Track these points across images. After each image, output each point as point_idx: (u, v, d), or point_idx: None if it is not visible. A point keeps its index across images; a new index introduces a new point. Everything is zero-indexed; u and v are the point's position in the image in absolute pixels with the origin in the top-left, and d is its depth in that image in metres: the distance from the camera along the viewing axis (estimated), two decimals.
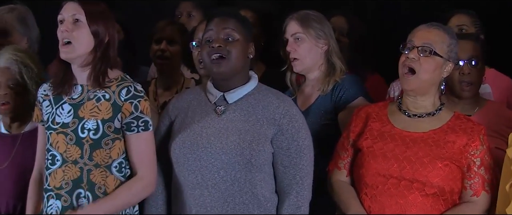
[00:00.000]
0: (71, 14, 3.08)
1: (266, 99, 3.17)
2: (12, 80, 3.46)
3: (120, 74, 3.17)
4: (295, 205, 3.12)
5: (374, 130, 3.29)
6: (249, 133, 3.10)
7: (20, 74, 3.46)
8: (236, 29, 3.15)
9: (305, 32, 3.62)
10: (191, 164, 3.11)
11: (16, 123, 3.55)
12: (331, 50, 3.66)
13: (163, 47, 4.04)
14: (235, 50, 3.13)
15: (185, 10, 4.52)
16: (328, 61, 3.66)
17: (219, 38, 3.13)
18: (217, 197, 3.09)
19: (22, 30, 4.03)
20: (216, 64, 3.12)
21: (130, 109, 3.09)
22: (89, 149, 3.08)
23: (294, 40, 3.63)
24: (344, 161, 3.36)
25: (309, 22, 3.63)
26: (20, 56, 3.49)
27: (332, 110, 3.60)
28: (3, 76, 3.46)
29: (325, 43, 3.65)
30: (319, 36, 3.63)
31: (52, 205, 3.13)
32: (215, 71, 3.14)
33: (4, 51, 3.52)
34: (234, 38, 3.14)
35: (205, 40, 3.16)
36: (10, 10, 4.05)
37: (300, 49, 3.62)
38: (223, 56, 3.11)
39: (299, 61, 3.63)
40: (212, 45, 3.12)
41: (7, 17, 4.01)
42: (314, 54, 3.64)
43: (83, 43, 3.08)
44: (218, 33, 3.14)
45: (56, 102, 3.16)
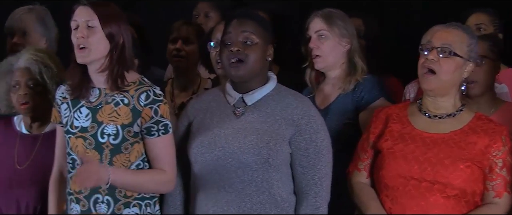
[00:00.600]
0: (84, 20, 3.08)
1: (285, 100, 3.17)
2: (32, 80, 3.47)
3: (138, 77, 3.16)
4: (313, 206, 3.12)
5: (394, 132, 3.28)
6: (267, 133, 3.10)
7: (40, 74, 3.47)
8: (255, 32, 3.14)
9: (329, 29, 3.61)
10: (209, 164, 3.12)
11: (36, 123, 3.55)
12: (353, 49, 3.65)
13: (179, 46, 4.05)
14: (254, 54, 3.13)
15: (202, 10, 4.53)
16: (349, 60, 3.65)
17: (237, 42, 3.13)
18: (234, 196, 3.10)
19: (41, 30, 4.05)
20: (234, 67, 3.12)
21: (150, 114, 3.09)
22: (109, 154, 3.09)
23: (317, 37, 3.62)
24: (364, 162, 3.35)
25: (334, 20, 3.62)
26: (40, 57, 3.50)
27: (353, 110, 3.59)
28: (23, 76, 3.47)
29: (348, 42, 3.65)
30: (343, 34, 3.63)
31: (73, 208, 3.14)
32: (233, 74, 3.14)
33: (25, 52, 3.53)
34: (253, 42, 3.13)
35: (224, 43, 3.16)
36: (29, 10, 4.07)
37: (323, 46, 3.62)
38: (241, 60, 3.11)
39: (321, 58, 3.62)
40: (231, 48, 3.12)
41: (26, 17, 4.03)
42: (336, 52, 3.63)
43: (98, 48, 3.08)
44: (237, 36, 3.13)
45: (74, 105, 3.17)
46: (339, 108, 3.60)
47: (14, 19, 4.04)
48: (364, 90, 3.59)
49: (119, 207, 3.10)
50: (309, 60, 3.66)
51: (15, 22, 4.02)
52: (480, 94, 3.55)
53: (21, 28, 4.00)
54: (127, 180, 3.08)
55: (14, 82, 3.48)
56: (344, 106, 3.60)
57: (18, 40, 3.98)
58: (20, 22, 4.01)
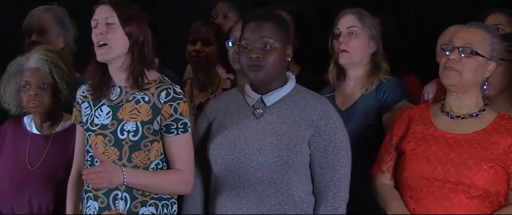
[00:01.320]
0: (104, 18, 3.10)
1: (304, 100, 3.17)
2: (43, 80, 3.47)
3: (158, 76, 3.18)
4: (332, 207, 3.11)
5: (417, 133, 3.27)
6: (287, 134, 3.10)
7: (50, 74, 3.48)
8: (273, 35, 3.13)
9: (362, 28, 3.62)
10: (229, 165, 3.12)
11: (47, 123, 3.56)
12: (379, 52, 3.66)
13: (198, 47, 4.05)
14: (273, 58, 3.12)
15: (221, 11, 4.52)
16: (373, 62, 3.65)
17: (256, 48, 3.12)
18: (253, 198, 3.10)
19: (59, 29, 4.05)
20: (253, 71, 3.12)
21: (169, 111, 3.10)
22: (128, 151, 3.10)
23: (348, 33, 3.62)
24: (387, 164, 3.33)
25: (367, 20, 3.64)
26: (50, 56, 3.50)
27: (376, 110, 3.59)
28: (34, 76, 3.48)
29: (375, 44, 3.66)
30: (372, 36, 3.64)
31: (90, 206, 3.14)
32: (253, 78, 3.14)
33: (35, 52, 3.54)
34: (272, 46, 3.12)
35: (243, 46, 3.15)
36: (47, 9, 4.07)
37: (353, 43, 3.61)
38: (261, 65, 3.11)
39: (348, 54, 3.61)
40: (250, 54, 3.11)
41: (45, 16, 4.04)
42: (363, 51, 3.64)
43: (118, 45, 3.10)
44: (255, 41, 3.12)
45: (95, 104, 3.18)
46: (362, 109, 3.60)
47: (32, 17, 4.05)
48: (388, 91, 3.59)
49: (136, 205, 3.11)
50: (334, 55, 3.65)
51: (33, 21, 4.03)
52: (494, 95, 3.52)
53: (39, 26, 4.01)
54: (143, 182, 3.09)
55: (24, 82, 3.49)
56: (367, 107, 3.60)
57: (36, 38, 3.99)
58: (38, 21, 4.02)
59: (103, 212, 3.11)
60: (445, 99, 3.31)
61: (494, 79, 3.44)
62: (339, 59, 3.63)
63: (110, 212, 3.10)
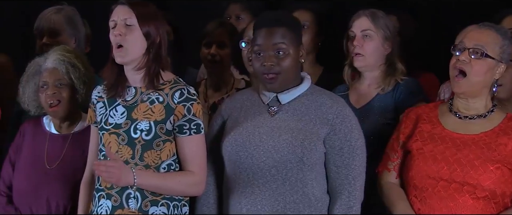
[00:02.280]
0: (122, 18, 3.11)
1: (319, 99, 3.18)
2: (60, 80, 3.49)
3: (173, 77, 3.19)
4: (346, 205, 3.11)
5: (424, 132, 3.26)
6: (302, 132, 3.11)
7: (67, 74, 3.49)
8: (286, 40, 3.13)
9: (376, 30, 3.61)
10: (243, 162, 3.13)
11: (65, 123, 3.57)
12: (394, 53, 3.65)
13: (213, 51, 4.04)
14: (287, 65, 3.13)
15: (233, 12, 4.51)
16: (389, 63, 3.65)
17: (269, 56, 3.12)
18: (268, 195, 3.10)
19: (70, 30, 4.05)
20: (269, 82, 3.14)
21: (182, 112, 3.11)
22: (140, 149, 3.10)
23: (362, 36, 3.62)
24: (393, 162, 3.33)
25: (380, 22, 3.63)
26: (67, 57, 3.52)
27: (392, 109, 3.58)
28: (51, 76, 3.50)
29: (390, 45, 3.65)
30: (387, 37, 3.63)
31: (102, 204, 3.15)
32: (269, 87, 3.16)
33: (52, 52, 3.56)
34: (285, 52, 3.13)
35: (256, 52, 3.16)
36: (58, 10, 4.08)
37: (367, 46, 3.61)
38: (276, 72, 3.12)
39: (362, 57, 3.61)
40: (264, 63, 3.12)
41: (56, 18, 4.04)
42: (378, 54, 3.63)
43: (136, 46, 3.11)
44: (268, 49, 3.13)
45: (110, 104, 3.20)
46: (377, 108, 3.60)
47: (43, 19, 4.06)
48: (404, 91, 3.58)
49: (146, 204, 3.11)
50: (349, 57, 3.65)
51: (44, 23, 4.04)
52: (506, 98, 3.51)
53: (51, 28, 4.02)
54: (154, 183, 3.09)
55: (42, 83, 3.51)
56: (383, 106, 3.59)
57: (47, 40, 3.99)
58: (49, 23, 4.02)
59: (116, 210, 3.12)
60: (453, 100, 3.31)
61: (507, 81, 3.45)
62: (354, 62, 3.63)
63: (123, 211, 3.10)
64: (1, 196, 3.56)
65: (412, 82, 3.63)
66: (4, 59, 4.38)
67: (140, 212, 3.11)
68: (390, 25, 3.66)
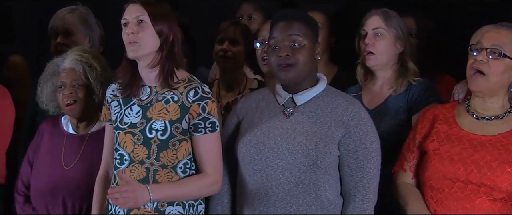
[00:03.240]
0: (134, 16, 3.11)
1: (335, 101, 3.17)
2: (77, 80, 3.50)
3: (187, 75, 3.19)
4: (360, 208, 3.10)
5: (441, 132, 3.25)
6: (316, 134, 3.10)
7: (84, 75, 3.50)
8: (302, 34, 3.14)
9: (387, 29, 3.61)
10: (257, 164, 3.13)
11: (83, 123, 3.58)
12: (406, 52, 3.64)
13: (226, 47, 4.05)
14: (302, 57, 3.13)
15: (245, 12, 4.51)
16: (401, 62, 3.64)
17: (285, 46, 3.13)
18: (281, 197, 3.09)
19: (84, 30, 4.08)
20: (283, 71, 3.13)
21: (197, 111, 3.11)
22: (156, 149, 3.11)
23: (373, 34, 3.62)
24: (409, 163, 3.32)
25: (392, 20, 3.63)
26: (84, 57, 3.53)
27: (405, 111, 3.58)
28: (68, 77, 3.51)
29: (402, 44, 3.64)
30: (399, 36, 3.63)
31: None
32: (283, 77, 3.14)
33: (70, 52, 3.57)
34: (301, 44, 3.13)
35: (271, 46, 3.16)
36: (72, 10, 4.10)
37: (379, 44, 3.61)
38: (291, 64, 3.11)
39: (374, 56, 3.61)
40: (280, 53, 3.13)
41: (69, 17, 4.06)
42: (390, 52, 3.63)
43: (148, 43, 3.11)
44: (284, 40, 3.13)
45: (125, 103, 3.20)
46: (390, 109, 3.59)
47: (57, 19, 4.08)
48: (417, 92, 3.58)
49: (162, 204, 3.12)
50: (361, 56, 3.65)
51: (58, 23, 4.06)
52: None
53: (65, 28, 4.04)
54: (171, 194, 3.10)
55: (59, 83, 3.52)
56: (395, 108, 3.59)
57: (61, 40, 4.02)
58: (63, 22, 4.04)
59: (131, 210, 3.12)
60: (470, 100, 3.29)
61: None
62: (366, 61, 3.63)
63: (139, 210, 3.11)
64: (19, 195, 3.58)
65: (425, 83, 3.62)
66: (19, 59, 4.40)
67: (156, 212, 3.11)
68: (402, 25, 3.66)
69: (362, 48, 3.64)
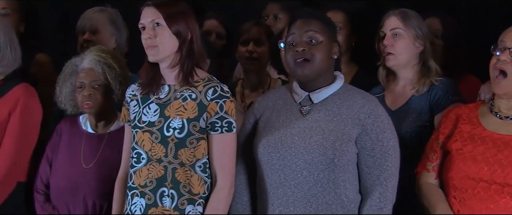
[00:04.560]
0: (150, 20, 3.13)
1: (351, 99, 3.16)
2: (96, 80, 3.53)
3: (207, 74, 3.20)
4: (377, 206, 3.09)
5: (464, 132, 3.23)
6: (333, 133, 3.09)
7: (103, 75, 3.53)
8: (319, 31, 3.15)
9: (405, 29, 3.60)
10: (275, 163, 3.13)
11: (101, 122, 3.61)
12: (427, 51, 3.63)
13: (251, 48, 4.05)
14: (319, 53, 3.13)
15: (271, 12, 4.52)
16: (422, 62, 3.63)
17: (302, 41, 3.14)
18: (300, 197, 3.09)
19: (111, 29, 4.12)
20: (300, 66, 3.13)
21: (215, 109, 3.11)
22: (174, 147, 3.12)
23: (392, 35, 3.61)
24: (432, 163, 3.30)
25: (410, 20, 3.61)
26: (103, 57, 3.56)
27: (428, 111, 3.56)
28: (88, 77, 3.54)
29: (422, 43, 3.63)
30: (418, 35, 3.61)
31: (136, 202, 3.17)
32: (299, 73, 3.14)
33: (89, 52, 3.60)
34: (318, 40, 3.14)
35: (289, 43, 3.17)
36: (101, 10, 4.16)
37: (397, 45, 3.60)
38: (307, 59, 3.12)
39: (394, 56, 3.61)
40: (296, 48, 3.14)
41: (97, 16, 4.11)
42: (410, 52, 3.62)
43: (167, 45, 3.13)
44: (301, 36, 3.15)
45: (143, 102, 3.21)
46: (413, 110, 3.58)
47: (85, 18, 4.13)
48: (439, 92, 3.56)
49: (182, 202, 3.12)
50: (381, 58, 3.65)
51: (86, 21, 4.11)
52: None
53: (92, 25, 4.08)
54: None
55: (78, 83, 3.55)
56: (418, 108, 3.57)
57: (88, 37, 4.06)
58: (91, 20, 4.09)
59: (149, 209, 3.13)
60: (494, 100, 3.27)
61: None
62: (386, 62, 3.63)
63: (157, 209, 3.12)
64: (39, 194, 3.62)
65: (447, 83, 3.60)
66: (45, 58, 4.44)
67: (176, 210, 3.12)
68: (421, 24, 3.64)
69: (381, 49, 3.64)
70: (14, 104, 3.65)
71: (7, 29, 3.71)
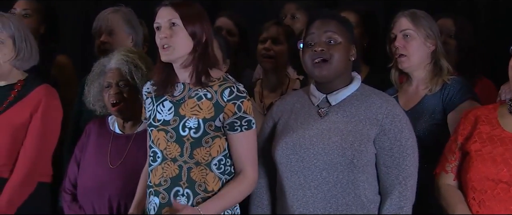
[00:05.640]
0: (166, 20, 3.12)
1: (369, 99, 3.16)
2: (123, 80, 3.54)
3: (222, 74, 3.19)
4: (397, 206, 3.09)
5: (483, 133, 3.22)
6: (351, 133, 3.09)
7: (130, 75, 3.53)
8: (338, 32, 3.15)
9: (415, 29, 3.59)
10: (294, 165, 3.13)
11: (129, 123, 3.62)
12: (438, 50, 3.62)
13: (268, 45, 4.07)
14: (337, 54, 3.13)
15: (289, 11, 4.52)
16: (434, 61, 3.62)
17: (321, 42, 3.14)
18: (319, 198, 3.10)
19: (127, 29, 4.13)
20: (318, 67, 3.13)
21: (233, 110, 3.11)
22: (190, 147, 3.12)
23: (403, 36, 3.60)
24: (451, 164, 3.29)
25: (420, 21, 3.60)
26: (130, 57, 3.56)
27: (441, 110, 3.55)
28: (114, 77, 3.55)
29: (433, 43, 3.62)
30: (429, 35, 3.60)
31: (151, 201, 3.18)
32: (317, 74, 3.15)
33: (116, 53, 3.61)
34: (336, 41, 3.14)
35: (307, 43, 3.17)
36: (115, 10, 4.16)
37: (409, 46, 3.59)
38: (325, 59, 3.12)
39: (406, 57, 3.60)
40: (314, 48, 3.14)
41: (113, 17, 4.12)
42: (421, 52, 3.60)
43: (181, 46, 3.12)
44: (320, 36, 3.14)
45: (157, 99, 3.22)
46: (426, 109, 3.57)
47: (100, 19, 4.14)
48: (452, 91, 3.55)
49: (198, 201, 3.13)
50: (393, 59, 3.64)
51: (102, 22, 4.12)
52: None
53: (108, 27, 4.09)
54: (219, 206, 3.11)
55: (106, 83, 3.56)
56: (431, 107, 3.57)
57: (105, 39, 4.08)
58: (107, 22, 4.10)
59: (163, 208, 3.14)
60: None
61: None
62: (399, 64, 3.62)
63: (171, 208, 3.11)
64: (67, 194, 3.64)
65: (460, 81, 3.59)
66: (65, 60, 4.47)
67: None
68: (432, 24, 3.63)
69: (393, 51, 3.63)
70: (36, 105, 3.67)
71: (21, 25, 3.72)
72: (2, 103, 3.69)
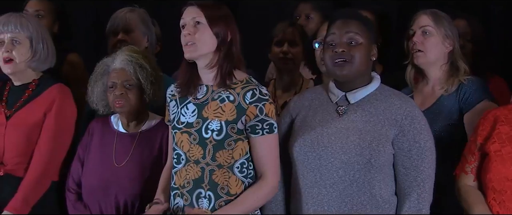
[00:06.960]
0: (191, 18, 3.13)
1: (388, 100, 3.15)
2: (128, 80, 3.53)
3: (246, 76, 3.19)
4: (415, 207, 3.07)
5: (503, 134, 3.20)
6: (370, 133, 3.08)
7: (135, 75, 3.53)
8: (359, 32, 3.14)
9: (435, 27, 3.58)
10: (311, 163, 3.12)
11: (133, 122, 3.61)
12: (456, 52, 3.61)
13: (286, 49, 4.06)
14: (359, 54, 3.12)
15: (303, 12, 4.51)
16: (451, 62, 3.61)
17: (342, 42, 3.13)
18: (335, 196, 3.09)
19: (144, 28, 4.14)
20: (339, 67, 3.12)
21: (255, 112, 3.11)
22: (212, 149, 3.12)
23: (422, 33, 3.59)
24: (471, 165, 3.28)
25: (441, 20, 3.60)
26: (134, 57, 3.56)
27: (457, 110, 3.54)
28: (119, 77, 3.54)
29: (451, 44, 3.61)
30: (447, 35, 3.60)
31: (177, 203, 3.18)
32: (338, 74, 3.14)
33: (120, 53, 3.61)
34: (357, 42, 3.13)
35: (328, 43, 3.16)
36: (131, 10, 4.17)
37: (427, 42, 3.58)
38: (346, 60, 3.11)
39: (423, 53, 3.59)
40: (336, 49, 3.13)
41: (130, 16, 4.13)
42: (438, 50, 3.60)
43: (205, 44, 3.12)
44: (341, 37, 3.13)
45: (181, 102, 3.22)
46: (442, 110, 3.56)
47: (117, 18, 4.14)
48: (468, 91, 3.54)
49: (220, 203, 3.12)
50: (410, 56, 3.63)
51: (119, 21, 4.12)
52: None
53: (126, 25, 4.09)
54: (236, 212, 3.11)
55: (110, 83, 3.56)
56: (448, 108, 3.56)
57: (122, 37, 4.07)
58: (124, 20, 4.10)
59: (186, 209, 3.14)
60: None
61: None
62: (415, 59, 3.61)
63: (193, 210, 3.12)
64: (71, 193, 3.63)
65: (476, 81, 3.58)
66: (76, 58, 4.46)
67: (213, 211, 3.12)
68: (451, 25, 3.63)
69: (410, 47, 3.62)
70: (50, 104, 3.68)
71: (40, 27, 3.75)
72: (17, 102, 3.72)
